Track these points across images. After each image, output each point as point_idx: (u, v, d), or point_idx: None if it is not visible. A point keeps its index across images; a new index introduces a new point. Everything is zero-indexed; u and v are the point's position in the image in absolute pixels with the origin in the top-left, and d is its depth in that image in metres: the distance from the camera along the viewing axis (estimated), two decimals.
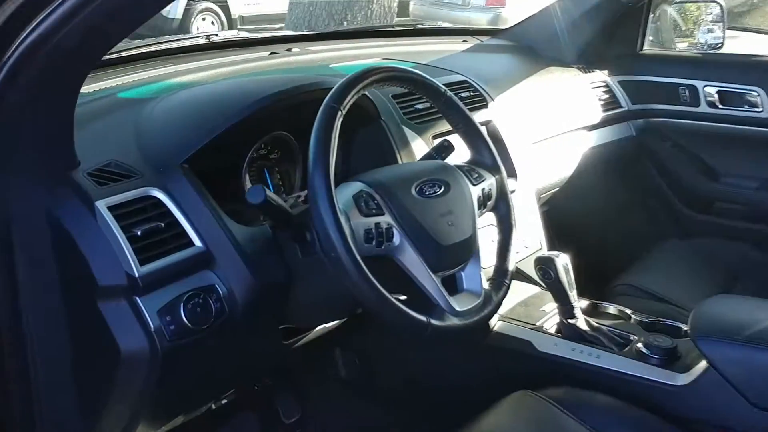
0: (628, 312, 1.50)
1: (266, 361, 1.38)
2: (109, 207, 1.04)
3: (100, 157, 1.13)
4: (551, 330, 1.45)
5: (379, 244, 1.08)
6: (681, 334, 1.39)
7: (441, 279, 1.14)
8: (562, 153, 2.06)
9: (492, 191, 1.29)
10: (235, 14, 8.78)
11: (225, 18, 8.75)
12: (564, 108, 2.10)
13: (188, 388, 1.21)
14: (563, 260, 1.39)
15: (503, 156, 1.70)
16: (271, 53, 1.89)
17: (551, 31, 2.31)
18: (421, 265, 1.11)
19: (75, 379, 1.10)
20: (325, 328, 1.41)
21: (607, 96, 2.28)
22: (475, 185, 1.25)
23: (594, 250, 2.00)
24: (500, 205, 1.30)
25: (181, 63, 1.70)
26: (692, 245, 2.14)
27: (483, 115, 1.73)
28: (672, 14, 2.54)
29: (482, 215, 1.28)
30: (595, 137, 2.19)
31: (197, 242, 1.11)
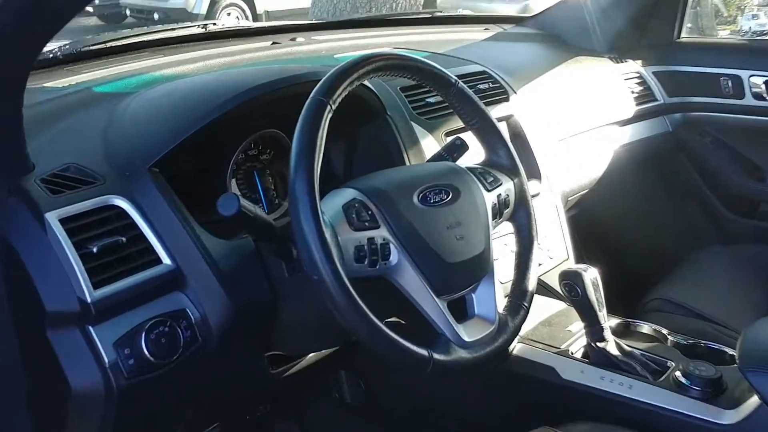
0: (664, 332, 1.38)
1: (252, 393, 1.25)
2: (62, 219, 0.92)
3: (59, 161, 1.02)
4: (577, 354, 1.33)
5: (373, 263, 0.94)
6: (726, 360, 1.27)
7: (447, 303, 1.00)
8: (592, 151, 1.93)
9: (510, 197, 1.14)
10: (261, 10, 8.74)
11: (250, 13, 8.73)
12: (594, 102, 1.98)
13: (155, 428, 1.08)
14: (592, 275, 1.26)
15: (526, 155, 1.59)
16: (273, 43, 1.77)
17: (580, 18, 2.21)
18: (423, 288, 0.97)
19: (27, 413, 0.98)
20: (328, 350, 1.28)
21: (641, 88, 2.16)
22: (490, 191, 1.11)
23: (626, 259, 1.92)
24: (519, 214, 1.16)
25: (174, 54, 1.58)
26: (736, 253, 2.00)
27: (503, 110, 1.60)
28: None
29: (498, 226, 1.13)
30: (628, 133, 2.07)
31: (166, 259, 0.98)
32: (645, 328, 1.40)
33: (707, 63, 2.16)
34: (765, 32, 2.29)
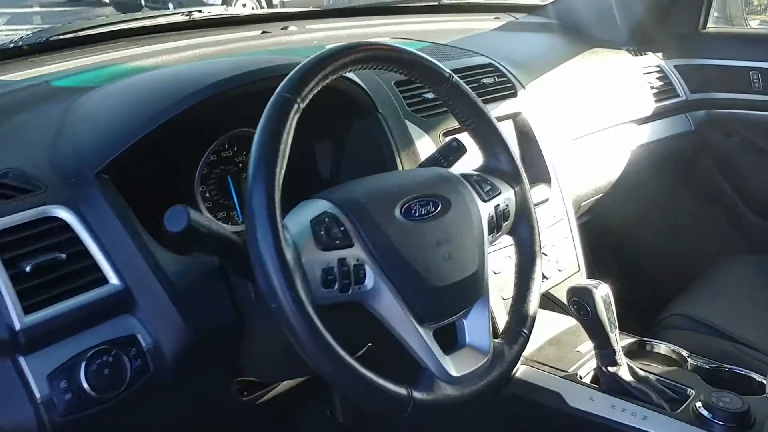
0: (684, 354, 1.29)
1: (220, 422, 1.15)
2: None
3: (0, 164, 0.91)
4: (587, 378, 1.25)
5: (344, 288, 0.83)
6: (754, 388, 1.19)
7: (433, 332, 0.89)
8: (607, 151, 1.84)
9: (510, 208, 1.03)
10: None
11: (266, 3, 8.71)
12: (610, 98, 1.88)
13: None
14: (603, 291, 1.17)
15: (534, 156, 1.49)
16: (263, 32, 1.67)
17: (597, 7, 2.14)
18: (404, 315, 0.86)
19: None
20: None
21: (662, 83, 2.06)
22: (487, 201, 1.00)
23: (643, 271, 1.84)
24: (521, 227, 1.05)
25: (151, 44, 1.48)
26: (764, 263, 1.87)
27: (510, 106, 1.50)
28: None
29: (495, 241, 1.02)
30: (647, 132, 1.97)
31: (113, 278, 0.89)
32: (662, 349, 1.32)
33: (735, 55, 2.06)
34: None
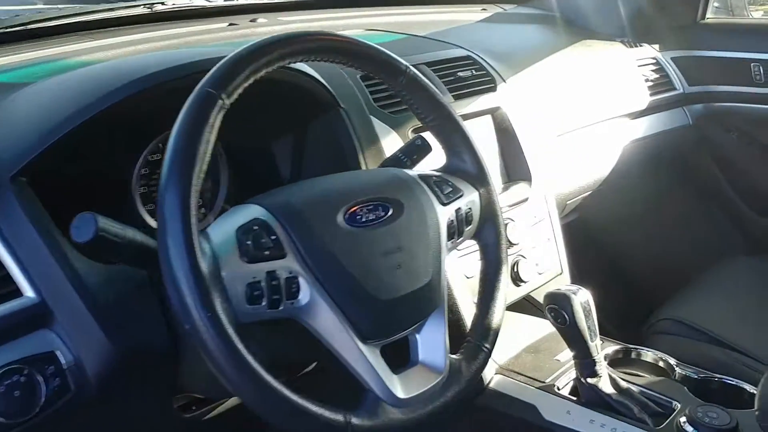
0: (672, 362, 1.25)
1: None
2: None
3: None
4: (565, 390, 1.20)
5: (274, 304, 0.77)
6: (745, 400, 1.15)
7: (381, 349, 0.83)
8: (597, 147, 1.79)
9: (473, 212, 0.97)
10: None
11: None
12: (602, 91, 1.84)
13: None
14: (582, 298, 1.12)
15: (514, 153, 1.44)
16: (230, 24, 1.61)
17: None
18: (344, 333, 0.80)
19: None
20: None
21: (658, 76, 2.02)
22: (446, 204, 0.94)
23: (634, 272, 1.76)
24: (485, 232, 0.99)
25: (105, 38, 1.43)
26: (764, 264, 1.83)
27: (488, 101, 1.44)
28: None
29: (455, 247, 0.96)
30: (642, 127, 1.93)
31: (27, 291, 0.83)
32: (649, 357, 1.28)
33: (736, 47, 2.03)
34: None
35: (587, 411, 1.11)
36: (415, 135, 1.09)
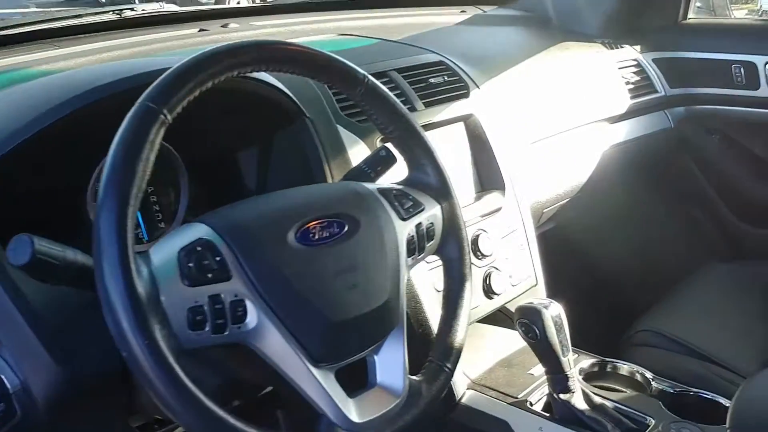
0: (648, 376, 1.23)
1: None
2: None
3: None
4: (538, 406, 1.19)
5: (219, 329, 0.74)
6: (720, 414, 1.09)
7: (336, 372, 0.81)
8: (575, 153, 1.76)
9: (435, 226, 0.95)
10: None
11: None
12: (580, 95, 1.81)
13: None
14: (554, 311, 1.10)
15: (487, 161, 1.41)
16: (200, 30, 1.58)
17: None
18: (295, 356, 0.77)
19: None
20: None
21: (639, 78, 2.00)
22: (406, 219, 0.91)
23: (613, 281, 1.73)
24: (448, 247, 0.97)
25: (71, 46, 1.40)
26: (745, 271, 1.83)
27: (461, 108, 1.41)
28: None
29: (416, 263, 0.94)
30: (621, 131, 1.91)
31: None
32: (625, 370, 1.26)
33: (717, 48, 2.00)
34: None
35: (560, 428, 1.10)
36: (380, 146, 1.07)
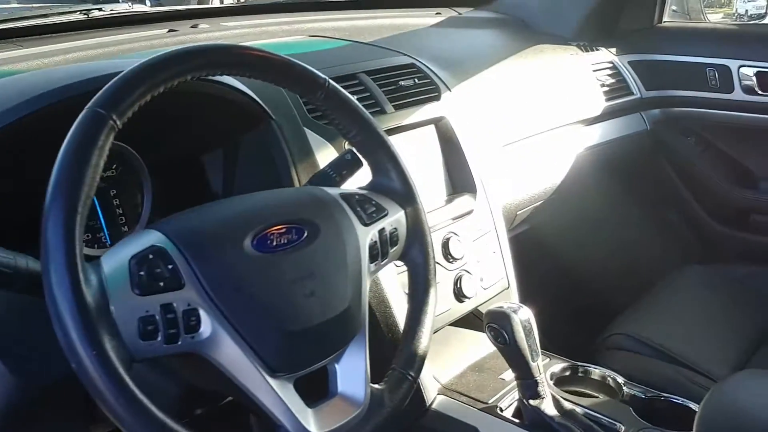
0: (620, 380, 1.22)
1: None
2: None
3: None
4: (509, 411, 1.17)
5: (171, 339, 0.72)
6: (690, 419, 1.08)
7: (294, 381, 0.79)
8: (550, 155, 1.76)
9: (399, 232, 0.93)
10: None
11: None
12: (554, 97, 1.81)
13: None
14: (523, 316, 1.09)
15: (458, 164, 1.40)
16: (170, 31, 1.56)
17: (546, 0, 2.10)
18: (251, 366, 0.75)
19: None
20: None
21: (615, 80, 2.01)
22: (368, 225, 0.90)
23: (588, 284, 1.70)
24: (412, 252, 0.95)
25: (42, 45, 1.38)
26: (720, 273, 1.83)
27: (432, 110, 1.39)
28: None
29: (379, 270, 0.92)
30: (597, 133, 1.91)
31: None
32: (596, 374, 1.25)
33: (692, 51, 2.03)
34: (763, 15, 2.15)
35: None
36: (346, 149, 1.05)
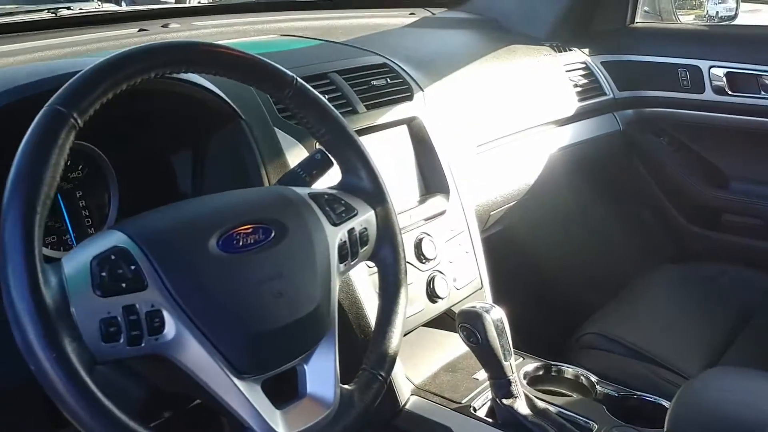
0: (593, 379, 1.22)
1: None
2: None
3: None
4: (482, 411, 1.17)
5: (134, 341, 0.71)
6: (663, 417, 1.08)
7: (262, 383, 0.78)
8: (522, 156, 1.75)
9: (369, 231, 0.93)
10: None
11: None
12: (527, 98, 1.80)
13: None
14: (495, 315, 1.08)
15: (431, 164, 1.39)
16: (140, 30, 1.54)
17: (520, 1, 2.09)
18: (217, 368, 0.74)
19: None
20: None
21: (587, 81, 2.00)
22: (338, 225, 0.89)
23: (561, 284, 1.71)
24: (383, 252, 0.95)
25: (8, 44, 1.36)
26: (693, 273, 1.84)
27: (404, 110, 1.39)
28: None
29: (349, 270, 0.92)
30: (569, 134, 1.90)
31: None
32: (569, 373, 1.25)
33: (664, 52, 2.02)
34: (732, 17, 2.14)
35: None
36: (316, 149, 1.05)
